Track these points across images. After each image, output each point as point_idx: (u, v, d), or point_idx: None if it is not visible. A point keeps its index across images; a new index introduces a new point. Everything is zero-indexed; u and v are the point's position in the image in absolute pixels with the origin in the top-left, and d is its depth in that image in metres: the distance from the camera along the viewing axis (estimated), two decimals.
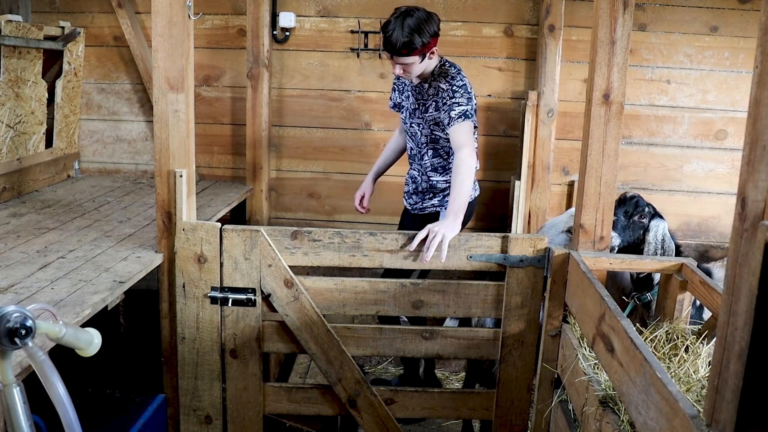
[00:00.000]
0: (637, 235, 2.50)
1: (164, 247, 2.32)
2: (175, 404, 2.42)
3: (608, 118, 2.10)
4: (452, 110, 2.49)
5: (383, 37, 2.47)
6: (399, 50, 2.42)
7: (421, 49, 2.43)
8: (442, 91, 2.55)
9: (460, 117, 2.47)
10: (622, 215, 2.52)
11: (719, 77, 3.53)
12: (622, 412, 1.61)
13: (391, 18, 2.45)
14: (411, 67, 2.49)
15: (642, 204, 2.54)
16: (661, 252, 2.45)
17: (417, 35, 2.39)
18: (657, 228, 2.46)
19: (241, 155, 3.74)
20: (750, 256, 0.94)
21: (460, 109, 2.48)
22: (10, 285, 1.97)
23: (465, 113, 2.48)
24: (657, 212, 2.57)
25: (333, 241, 2.28)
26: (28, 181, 3.29)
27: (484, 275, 2.47)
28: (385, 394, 2.42)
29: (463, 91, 2.52)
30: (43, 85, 3.32)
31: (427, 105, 2.62)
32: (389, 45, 2.44)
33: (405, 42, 2.39)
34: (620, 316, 1.56)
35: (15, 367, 1.27)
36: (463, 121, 2.47)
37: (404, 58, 2.45)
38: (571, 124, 3.62)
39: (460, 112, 2.48)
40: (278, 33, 3.62)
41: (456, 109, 2.48)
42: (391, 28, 2.43)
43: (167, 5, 2.14)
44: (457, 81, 2.54)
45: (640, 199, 2.56)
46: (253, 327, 2.32)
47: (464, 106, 2.49)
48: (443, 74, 2.57)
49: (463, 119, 2.47)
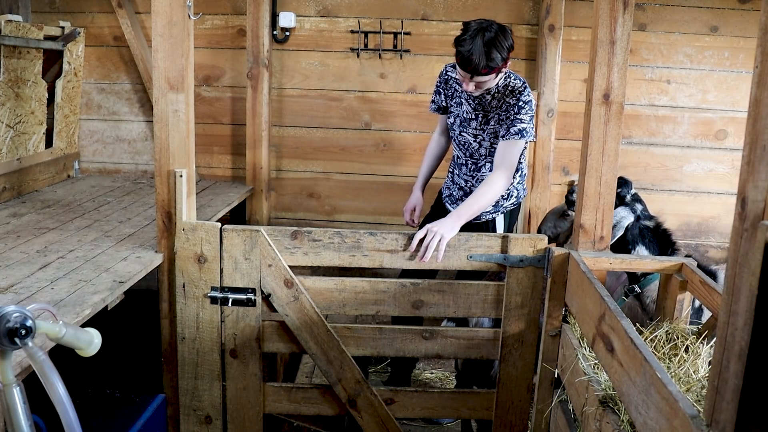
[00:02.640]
0: None
1: (164, 247, 2.32)
2: (175, 404, 2.42)
3: (608, 118, 2.10)
4: (514, 125, 2.45)
5: (460, 57, 2.33)
6: (479, 71, 2.32)
7: (497, 69, 2.35)
8: (508, 105, 2.50)
9: (517, 134, 2.45)
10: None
11: (719, 77, 3.53)
12: (622, 412, 1.61)
13: (466, 36, 2.32)
14: (486, 83, 2.42)
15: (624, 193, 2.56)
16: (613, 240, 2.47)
17: (497, 52, 2.29)
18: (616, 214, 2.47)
19: (241, 155, 3.74)
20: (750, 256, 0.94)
21: (521, 126, 2.45)
22: (10, 285, 1.97)
23: (523, 131, 2.46)
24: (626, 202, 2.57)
25: (333, 241, 2.28)
26: (28, 181, 3.29)
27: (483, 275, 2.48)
28: (385, 394, 2.42)
29: (529, 108, 2.48)
30: (43, 85, 3.32)
31: (489, 117, 2.57)
32: (470, 66, 2.31)
33: (487, 63, 2.30)
34: (620, 316, 1.56)
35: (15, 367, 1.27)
36: (519, 139, 2.45)
37: (483, 77, 2.36)
38: (571, 124, 3.62)
39: (520, 129, 2.45)
40: (278, 33, 3.62)
41: (517, 125, 2.45)
42: (468, 47, 2.29)
43: (167, 5, 2.14)
44: (524, 96, 2.49)
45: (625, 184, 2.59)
46: (253, 327, 2.32)
47: (525, 124, 2.46)
48: (509, 87, 2.51)
49: (519, 137, 2.45)
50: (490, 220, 2.75)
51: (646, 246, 2.51)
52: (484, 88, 2.46)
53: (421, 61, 3.61)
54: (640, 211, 2.58)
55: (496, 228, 2.76)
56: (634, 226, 2.53)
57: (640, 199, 2.66)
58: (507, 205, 2.73)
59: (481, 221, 2.74)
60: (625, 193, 2.59)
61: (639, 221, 2.55)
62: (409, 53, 3.60)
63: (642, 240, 2.52)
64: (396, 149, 3.70)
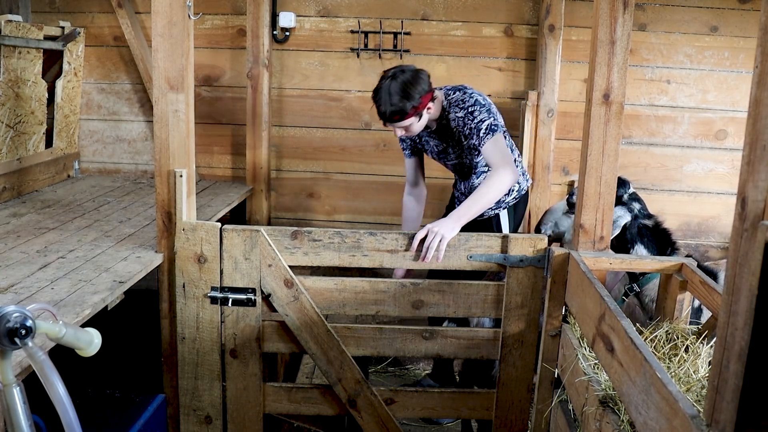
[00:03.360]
0: None
1: (164, 247, 2.32)
2: (175, 404, 2.42)
3: (608, 118, 2.10)
4: (479, 129, 2.46)
5: (375, 105, 2.42)
6: (391, 118, 2.39)
7: (413, 111, 2.38)
8: (461, 119, 2.51)
9: (488, 133, 2.45)
10: None
11: (719, 77, 3.53)
12: (622, 412, 1.61)
13: (379, 84, 2.40)
14: (410, 127, 2.46)
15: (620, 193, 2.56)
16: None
17: (405, 100, 2.34)
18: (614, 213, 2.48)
19: (241, 155, 3.74)
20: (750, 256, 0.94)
21: (485, 125, 2.45)
22: (10, 285, 1.97)
23: (490, 127, 2.46)
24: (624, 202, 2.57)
25: (333, 241, 2.28)
26: (28, 181, 3.29)
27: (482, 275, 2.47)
28: (385, 394, 2.42)
29: (479, 106, 2.49)
30: (43, 85, 3.32)
31: (456, 138, 2.59)
32: (381, 116, 2.41)
33: (394, 111, 2.36)
34: (620, 316, 1.56)
35: (15, 367, 1.27)
36: (492, 136, 2.45)
37: (399, 123, 2.42)
38: (571, 124, 3.62)
39: (486, 128, 2.45)
40: (278, 33, 3.62)
41: (482, 126, 2.46)
42: (378, 97, 2.38)
43: (167, 5, 2.14)
44: (468, 101, 2.51)
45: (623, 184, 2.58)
46: (253, 327, 2.32)
47: (487, 120, 2.46)
48: (451, 104, 2.53)
49: (491, 134, 2.45)
50: (494, 217, 2.75)
51: (645, 245, 2.51)
52: (415, 132, 2.49)
53: (421, 61, 3.61)
54: (637, 210, 2.57)
55: (500, 224, 2.75)
56: (633, 225, 2.53)
57: (639, 198, 2.65)
58: (509, 200, 2.73)
59: (484, 218, 2.74)
60: (622, 192, 2.58)
61: (637, 220, 2.54)
62: (409, 53, 3.60)
63: (640, 239, 2.52)
64: (396, 149, 3.70)
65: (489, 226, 2.74)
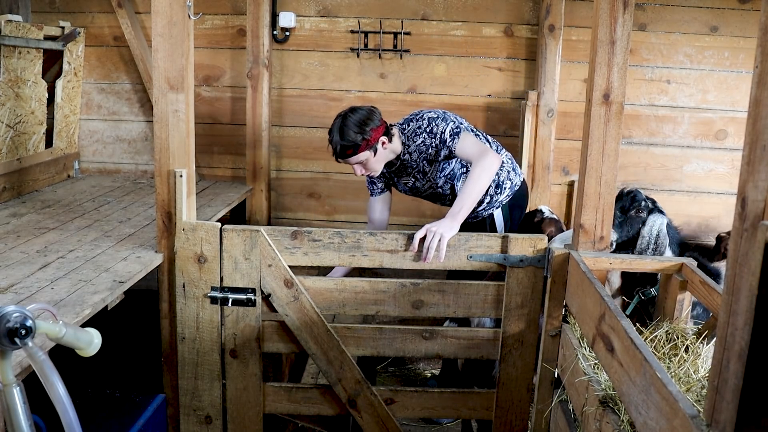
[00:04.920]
0: (636, 230, 2.49)
1: (164, 247, 2.32)
2: (175, 404, 2.42)
3: (608, 118, 2.10)
4: (444, 140, 2.48)
5: (329, 147, 2.46)
6: (344, 153, 2.42)
7: (365, 145, 2.41)
8: (423, 144, 2.53)
9: (453, 137, 2.47)
10: (618, 211, 2.51)
11: (719, 77, 3.53)
12: (622, 412, 1.61)
13: (331, 126, 2.45)
14: (367, 163, 2.48)
15: (639, 198, 2.53)
16: (653, 247, 2.44)
17: (356, 134, 2.39)
18: (654, 223, 2.45)
19: (241, 155, 3.74)
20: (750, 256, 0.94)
21: (447, 132, 2.47)
22: (10, 285, 1.97)
23: (454, 131, 2.47)
24: (657, 207, 2.55)
25: (333, 241, 2.28)
26: (28, 181, 3.29)
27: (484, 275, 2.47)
28: (385, 394, 2.42)
29: (434, 120, 2.51)
30: (43, 85, 3.32)
31: (421, 167, 2.61)
32: (334, 153, 2.46)
33: (345, 145, 2.40)
34: (620, 316, 1.56)
35: (15, 367, 1.27)
36: (458, 138, 2.46)
37: (353, 158, 2.45)
38: (571, 124, 3.62)
39: (450, 134, 2.47)
40: (278, 33, 3.62)
41: (445, 136, 2.47)
42: (331, 137, 2.44)
43: (167, 5, 2.14)
44: (423, 123, 2.53)
45: (637, 194, 2.55)
46: (253, 327, 2.32)
47: (447, 127, 2.48)
48: (410, 136, 2.55)
49: (456, 137, 2.47)
50: (488, 217, 2.75)
51: (671, 247, 2.49)
52: (375, 169, 2.52)
53: (421, 61, 3.61)
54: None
55: (495, 223, 2.75)
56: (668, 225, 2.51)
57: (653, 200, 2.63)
58: (502, 199, 2.72)
59: (478, 219, 2.74)
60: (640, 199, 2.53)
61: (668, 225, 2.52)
62: (409, 53, 3.60)
63: (671, 241, 2.49)
64: None
65: (483, 226, 2.74)
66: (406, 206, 3.64)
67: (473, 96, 3.62)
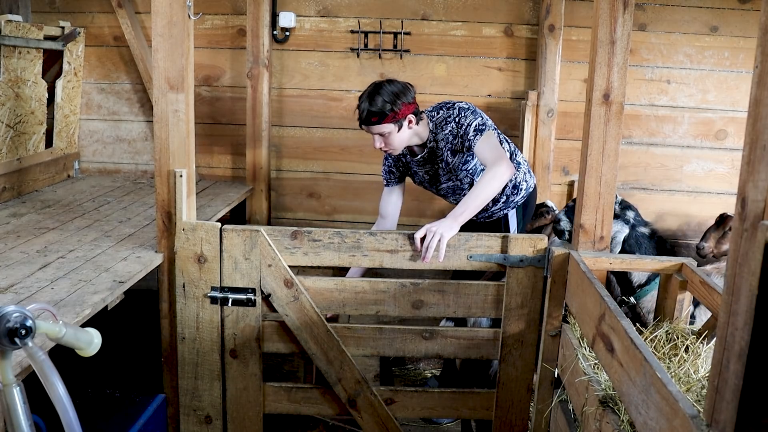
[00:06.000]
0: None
1: (164, 247, 2.32)
2: (175, 404, 2.42)
3: (608, 118, 2.10)
4: (467, 133, 2.43)
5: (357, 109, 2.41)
6: (369, 119, 2.35)
7: (392, 116, 2.35)
8: (450, 134, 2.48)
9: (476, 134, 2.43)
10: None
11: (719, 77, 3.53)
12: (622, 412, 1.61)
13: (365, 90, 2.41)
14: (389, 137, 2.40)
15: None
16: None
17: (386, 103, 2.33)
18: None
19: (241, 155, 3.74)
20: (750, 256, 0.94)
21: (472, 127, 2.43)
22: (10, 285, 1.97)
23: (479, 127, 2.43)
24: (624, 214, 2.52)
25: (333, 241, 2.28)
26: (28, 181, 3.29)
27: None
28: (385, 394, 2.42)
29: (464, 111, 2.47)
30: (43, 85, 3.32)
31: (445, 157, 2.54)
32: (359, 116, 2.39)
33: (372, 111, 2.33)
34: (620, 316, 1.56)
35: (15, 367, 1.27)
36: (481, 135, 2.42)
37: (376, 127, 2.37)
38: (571, 124, 3.62)
39: (475, 129, 2.43)
40: (278, 33, 3.62)
41: (470, 130, 2.43)
42: (361, 99, 2.38)
43: (167, 5, 2.14)
44: (453, 112, 2.48)
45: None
46: (253, 327, 2.32)
47: (474, 122, 2.44)
48: (439, 125, 2.50)
49: (480, 134, 2.43)
50: (502, 217, 2.74)
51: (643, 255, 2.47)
52: (395, 146, 2.44)
53: (421, 61, 3.61)
54: (632, 218, 2.51)
55: (509, 224, 2.74)
56: (630, 236, 2.48)
57: (630, 206, 2.58)
58: (518, 200, 2.71)
59: (493, 219, 2.73)
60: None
61: (634, 229, 2.50)
62: (409, 53, 3.60)
63: (639, 249, 2.47)
64: None
65: (498, 226, 2.73)
66: (407, 206, 3.62)
67: (473, 96, 3.62)
